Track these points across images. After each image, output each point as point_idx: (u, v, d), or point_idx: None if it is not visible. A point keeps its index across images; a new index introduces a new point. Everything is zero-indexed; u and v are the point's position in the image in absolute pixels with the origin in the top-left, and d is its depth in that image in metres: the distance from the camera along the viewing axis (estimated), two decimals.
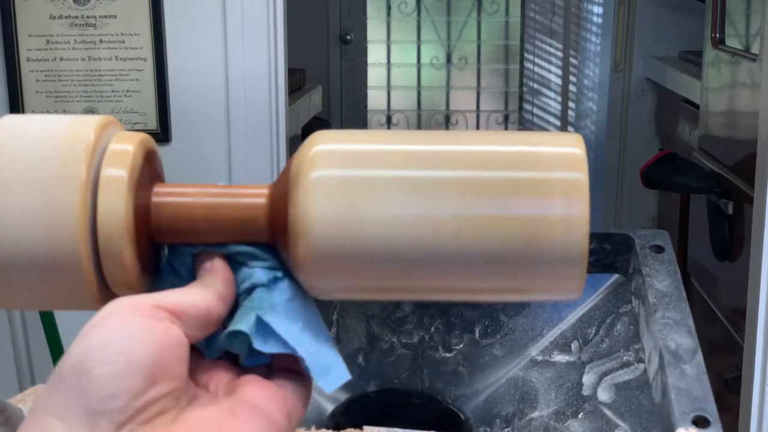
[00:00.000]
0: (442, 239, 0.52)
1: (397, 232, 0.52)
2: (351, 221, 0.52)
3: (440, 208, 0.53)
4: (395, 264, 0.53)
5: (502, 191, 0.53)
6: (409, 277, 0.54)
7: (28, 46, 1.86)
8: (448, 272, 0.54)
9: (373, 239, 0.52)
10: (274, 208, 0.55)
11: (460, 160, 0.54)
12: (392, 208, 0.53)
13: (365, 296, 0.65)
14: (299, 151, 0.55)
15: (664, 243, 0.77)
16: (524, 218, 0.52)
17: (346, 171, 0.54)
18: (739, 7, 2.24)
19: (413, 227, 0.52)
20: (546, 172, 0.53)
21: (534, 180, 0.53)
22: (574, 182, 0.52)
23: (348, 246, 0.52)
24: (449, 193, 0.53)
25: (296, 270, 0.54)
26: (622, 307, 0.78)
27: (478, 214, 0.52)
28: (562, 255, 0.52)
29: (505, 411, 0.77)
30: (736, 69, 2.19)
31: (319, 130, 0.58)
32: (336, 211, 0.52)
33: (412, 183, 0.53)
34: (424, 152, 0.55)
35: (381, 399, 0.81)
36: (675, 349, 0.68)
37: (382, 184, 0.53)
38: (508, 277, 0.54)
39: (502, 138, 0.57)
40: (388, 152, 0.55)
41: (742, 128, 2.15)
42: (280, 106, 1.90)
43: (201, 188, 0.57)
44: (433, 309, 0.82)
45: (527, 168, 0.53)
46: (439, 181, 0.53)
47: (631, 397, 0.72)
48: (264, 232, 0.55)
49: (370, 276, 0.54)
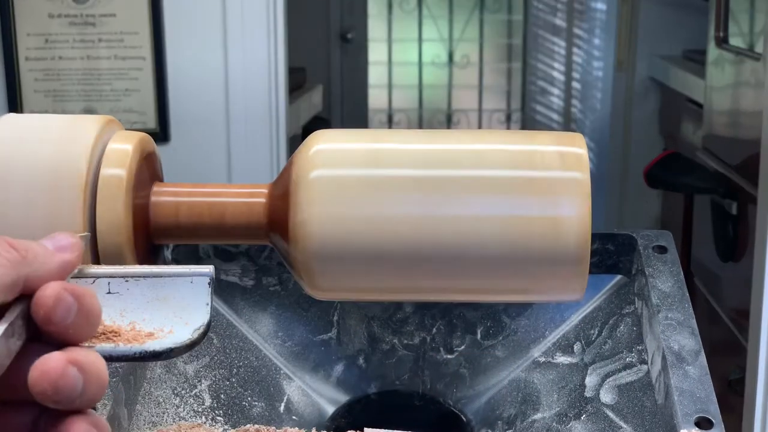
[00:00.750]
0: (442, 239, 0.52)
1: (397, 231, 0.52)
2: (350, 220, 0.52)
3: (440, 208, 0.53)
4: (395, 263, 0.53)
5: (503, 191, 0.53)
6: (409, 277, 0.54)
7: (27, 45, 1.85)
8: (447, 272, 0.54)
9: (373, 238, 0.52)
10: (274, 207, 0.54)
11: (460, 159, 0.54)
12: (392, 207, 0.52)
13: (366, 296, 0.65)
14: (299, 151, 0.55)
15: (668, 243, 0.77)
16: (525, 218, 0.52)
17: (345, 170, 0.53)
18: (743, 5, 2.23)
19: (413, 226, 0.52)
20: (547, 172, 0.53)
21: (535, 179, 0.53)
22: (575, 182, 0.52)
23: (347, 245, 0.52)
24: (449, 193, 0.53)
25: (296, 269, 0.54)
26: (625, 308, 0.78)
27: (478, 214, 0.52)
28: (564, 255, 0.52)
29: (507, 413, 0.77)
30: (740, 68, 2.19)
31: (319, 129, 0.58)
32: (335, 211, 0.52)
33: (411, 182, 0.53)
34: (424, 151, 0.55)
35: (382, 401, 0.81)
36: (678, 351, 0.67)
37: (382, 184, 0.53)
38: (508, 277, 0.54)
39: (503, 137, 0.57)
40: (388, 151, 0.55)
41: (746, 128, 2.14)
42: (280, 105, 1.90)
43: (200, 188, 0.57)
44: (435, 310, 0.82)
45: (528, 167, 0.53)
46: (440, 180, 0.53)
47: (634, 399, 0.72)
48: (263, 232, 0.55)
49: (371, 275, 0.54)
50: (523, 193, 0.53)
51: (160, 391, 0.72)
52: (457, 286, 0.56)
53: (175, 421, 0.71)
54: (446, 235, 0.52)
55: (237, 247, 0.81)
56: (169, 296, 0.46)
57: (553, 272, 0.53)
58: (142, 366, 0.71)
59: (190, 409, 0.72)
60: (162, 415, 0.70)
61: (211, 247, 0.80)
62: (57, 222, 0.49)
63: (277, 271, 0.82)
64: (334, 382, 0.81)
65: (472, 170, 0.53)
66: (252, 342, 0.80)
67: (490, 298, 0.64)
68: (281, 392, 0.79)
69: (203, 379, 0.75)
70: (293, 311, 0.82)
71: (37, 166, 0.50)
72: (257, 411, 0.76)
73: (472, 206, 0.52)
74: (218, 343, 0.78)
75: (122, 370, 0.66)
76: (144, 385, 0.71)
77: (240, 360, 0.78)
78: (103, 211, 0.50)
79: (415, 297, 0.68)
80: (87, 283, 0.46)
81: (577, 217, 0.52)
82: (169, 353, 0.44)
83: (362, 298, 0.70)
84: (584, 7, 3.69)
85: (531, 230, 0.52)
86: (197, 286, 0.46)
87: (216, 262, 0.81)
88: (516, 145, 0.55)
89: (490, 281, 0.55)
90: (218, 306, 0.81)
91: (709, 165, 2.37)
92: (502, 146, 0.55)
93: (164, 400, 0.72)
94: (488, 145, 0.55)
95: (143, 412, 0.70)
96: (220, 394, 0.75)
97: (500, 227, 0.52)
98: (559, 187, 0.52)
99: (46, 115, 0.54)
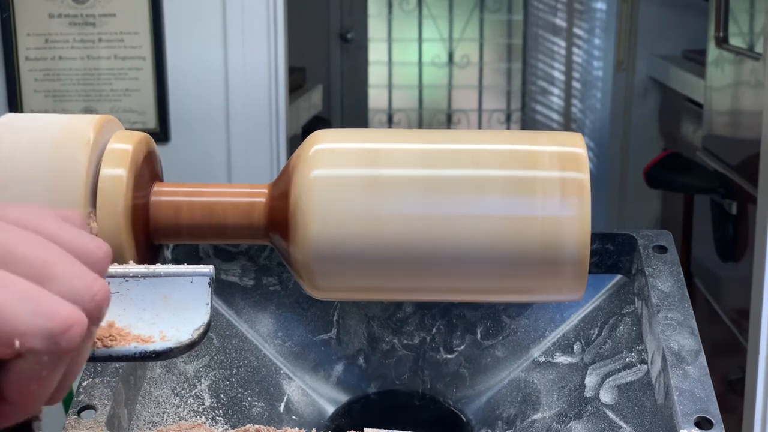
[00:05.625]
0: (442, 239, 0.52)
1: (397, 231, 0.52)
2: (350, 220, 0.52)
3: (440, 208, 0.53)
4: (395, 263, 0.53)
5: (503, 191, 0.53)
6: (409, 276, 0.54)
7: (27, 45, 1.85)
8: (447, 272, 0.54)
9: (373, 238, 0.52)
10: (274, 207, 0.54)
11: (460, 159, 0.54)
12: (392, 207, 0.52)
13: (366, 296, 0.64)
14: (298, 151, 0.55)
15: (668, 243, 0.77)
16: (525, 218, 0.52)
17: (345, 170, 0.53)
18: (743, 5, 2.23)
19: (413, 226, 0.52)
20: (547, 172, 0.53)
21: (535, 179, 0.53)
22: (575, 182, 0.52)
23: (348, 245, 0.52)
24: (449, 193, 0.53)
25: (296, 269, 0.54)
26: (625, 308, 0.78)
27: (478, 214, 0.52)
28: (564, 255, 0.52)
29: (507, 413, 0.77)
30: (740, 68, 2.18)
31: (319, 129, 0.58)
32: (335, 211, 0.52)
33: (411, 182, 0.53)
34: (423, 151, 0.55)
35: (382, 401, 0.81)
36: (678, 351, 0.67)
37: (382, 184, 0.53)
38: (508, 277, 0.54)
39: (503, 137, 0.57)
40: (388, 152, 0.55)
41: (746, 128, 2.14)
42: (279, 105, 1.89)
43: (200, 188, 0.57)
44: (435, 310, 0.82)
45: (528, 168, 0.53)
46: (440, 180, 0.53)
47: (634, 399, 0.72)
48: (263, 232, 0.55)
49: (371, 275, 0.54)
50: (523, 193, 0.53)
51: (160, 391, 0.72)
52: (457, 286, 0.56)
53: (175, 421, 0.71)
54: (446, 235, 0.52)
55: (237, 247, 0.81)
56: (169, 296, 0.46)
57: (553, 272, 0.53)
58: (142, 366, 0.71)
59: (190, 409, 0.72)
60: (162, 415, 0.70)
61: (211, 247, 0.80)
62: None
63: (277, 271, 0.82)
64: (334, 382, 0.81)
65: (471, 170, 0.53)
66: (252, 342, 0.80)
67: (489, 297, 0.64)
68: (281, 392, 0.79)
69: (203, 379, 0.75)
70: (293, 311, 0.82)
71: (37, 166, 0.50)
72: (257, 411, 0.76)
73: (472, 206, 0.53)
74: (218, 343, 0.78)
75: (122, 370, 0.66)
76: (144, 385, 0.71)
77: (240, 360, 0.78)
78: (102, 210, 0.50)
79: (415, 297, 0.68)
80: None
81: (577, 217, 0.52)
82: (169, 353, 0.44)
83: (362, 297, 0.70)
84: (584, 7, 3.69)
85: (531, 230, 0.52)
86: (197, 286, 0.46)
87: (216, 262, 0.81)
88: (516, 145, 0.55)
89: (490, 281, 0.55)
90: (218, 306, 0.81)
91: (709, 165, 2.37)
92: (502, 146, 0.55)
93: (164, 400, 0.72)
94: (488, 146, 0.55)
95: (143, 412, 0.70)
96: (220, 394, 0.75)
97: (500, 227, 0.52)
98: (559, 188, 0.52)
99: (46, 115, 0.54)
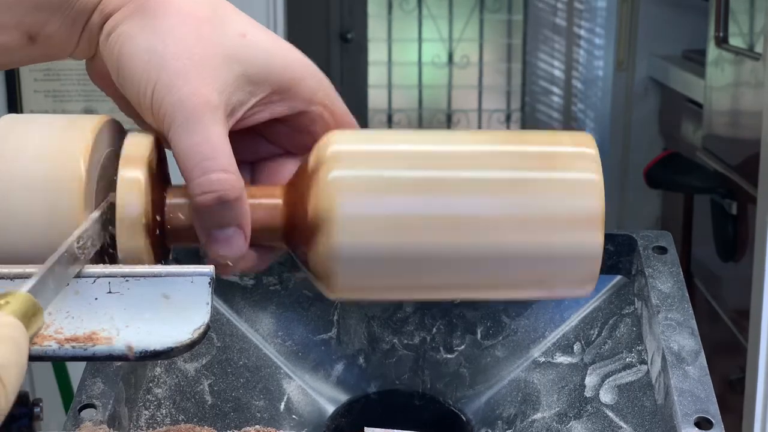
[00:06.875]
0: (463, 239, 0.53)
1: (419, 232, 0.53)
2: (374, 221, 0.52)
3: (459, 208, 0.53)
4: (417, 263, 0.53)
5: (519, 191, 0.53)
6: (432, 276, 0.54)
7: None
8: (469, 271, 0.54)
9: (397, 239, 0.52)
10: (291, 209, 0.54)
11: (476, 160, 0.55)
12: (414, 207, 0.53)
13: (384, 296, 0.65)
14: (315, 151, 0.55)
15: (668, 244, 0.77)
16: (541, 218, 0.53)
17: (367, 171, 0.54)
18: (743, 5, 2.23)
19: (432, 227, 0.53)
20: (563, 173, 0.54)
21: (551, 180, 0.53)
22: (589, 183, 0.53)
23: (371, 246, 0.52)
24: (467, 193, 0.53)
25: (315, 270, 0.54)
26: (625, 309, 0.78)
27: (495, 214, 0.53)
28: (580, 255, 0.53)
29: (507, 412, 0.77)
30: (740, 68, 2.19)
31: None
32: (359, 212, 0.52)
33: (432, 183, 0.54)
34: (440, 153, 0.56)
35: (382, 400, 0.81)
36: (678, 351, 0.67)
37: (404, 184, 0.53)
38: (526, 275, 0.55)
39: (516, 137, 0.57)
40: (406, 152, 0.55)
41: (746, 128, 2.14)
42: None
43: None
44: (435, 310, 0.82)
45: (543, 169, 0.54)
46: (458, 181, 0.54)
47: (634, 399, 0.72)
48: (279, 234, 0.55)
49: (393, 276, 0.54)
50: (539, 193, 0.53)
51: (160, 391, 0.72)
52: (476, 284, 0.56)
53: (176, 421, 0.71)
54: (466, 235, 0.53)
55: None
56: (170, 296, 0.46)
57: (568, 270, 0.54)
58: (142, 366, 0.71)
59: (191, 409, 0.72)
60: (162, 415, 0.70)
61: None
62: (56, 222, 0.49)
63: (278, 270, 0.82)
64: (334, 382, 0.81)
65: (487, 171, 0.55)
66: (252, 341, 0.80)
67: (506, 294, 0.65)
68: (281, 392, 0.79)
69: (203, 378, 0.75)
70: (293, 311, 0.82)
71: (37, 167, 0.50)
72: (257, 410, 0.76)
73: (489, 206, 0.53)
74: (218, 343, 0.78)
75: (122, 369, 0.66)
76: (144, 385, 0.71)
77: (240, 360, 0.78)
78: (122, 213, 0.50)
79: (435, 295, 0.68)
80: (88, 283, 0.46)
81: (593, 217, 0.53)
82: (169, 353, 0.44)
83: (381, 297, 0.71)
84: (584, 6, 3.69)
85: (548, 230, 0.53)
86: (197, 285, 0.46)
87: None
88: (529, 146, 0.56)
89: (509, 279, 0.56)
90: (218, 306, 0.81)
91: (709, 165, 2.37)
92: (517, 147, 0.56)
93: (164, 400, 0.72)
94: (503, 146, 0.56)
95: (143, 412, 0.70)
96: (221, 393, 0.75)
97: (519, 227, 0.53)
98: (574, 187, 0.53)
99: (46, 115, 0.54)
